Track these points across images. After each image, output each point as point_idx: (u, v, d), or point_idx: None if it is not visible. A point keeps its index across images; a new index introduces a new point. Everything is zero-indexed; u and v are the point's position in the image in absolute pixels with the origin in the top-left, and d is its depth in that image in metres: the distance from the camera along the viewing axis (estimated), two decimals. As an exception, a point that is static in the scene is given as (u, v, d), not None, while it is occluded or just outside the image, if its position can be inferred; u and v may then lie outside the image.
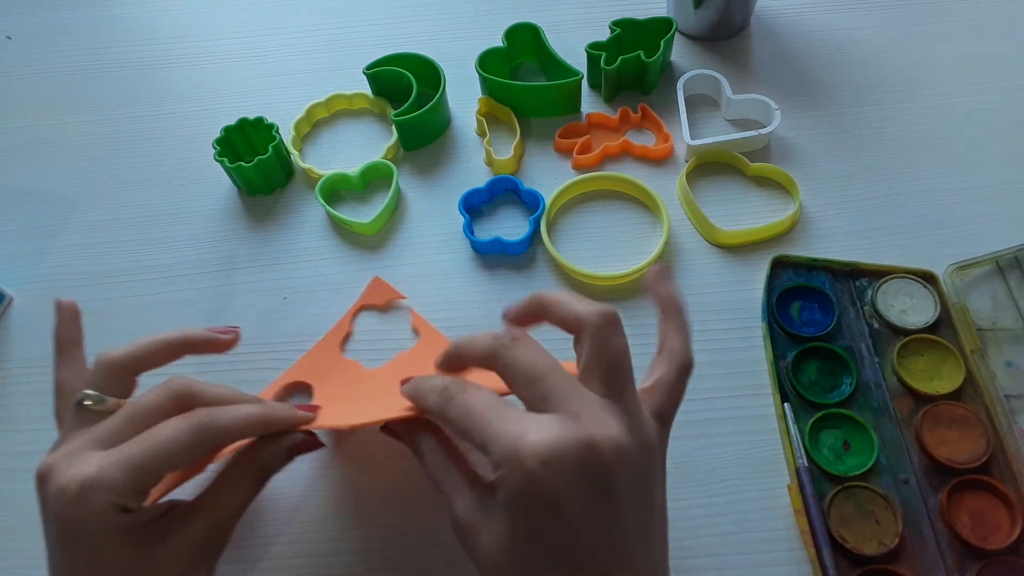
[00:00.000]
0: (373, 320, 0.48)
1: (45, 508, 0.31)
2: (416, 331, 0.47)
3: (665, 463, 0.31)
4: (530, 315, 0.33)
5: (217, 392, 0.34)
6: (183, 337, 0.35)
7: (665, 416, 0.31)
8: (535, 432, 0.27)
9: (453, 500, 0.31)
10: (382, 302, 0.49)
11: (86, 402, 0.32)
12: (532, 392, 0.29)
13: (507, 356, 0.30)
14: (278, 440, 0.34)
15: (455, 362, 0.33)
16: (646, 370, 0.32)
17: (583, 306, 0.31)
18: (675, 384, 0.31)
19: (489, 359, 0.31)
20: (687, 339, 0.32)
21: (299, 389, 0.45)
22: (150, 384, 0.33)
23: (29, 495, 0.43)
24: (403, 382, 0.34)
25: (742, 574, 0.39)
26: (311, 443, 0.35)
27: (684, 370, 0.32)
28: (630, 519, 0.28)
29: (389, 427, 0.35)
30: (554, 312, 0.32)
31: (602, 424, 0.28)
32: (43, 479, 0.31)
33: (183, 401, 0.32)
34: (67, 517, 0.29)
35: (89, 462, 0.30)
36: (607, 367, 0.29)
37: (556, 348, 0.32)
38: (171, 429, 0.31)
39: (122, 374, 0.33)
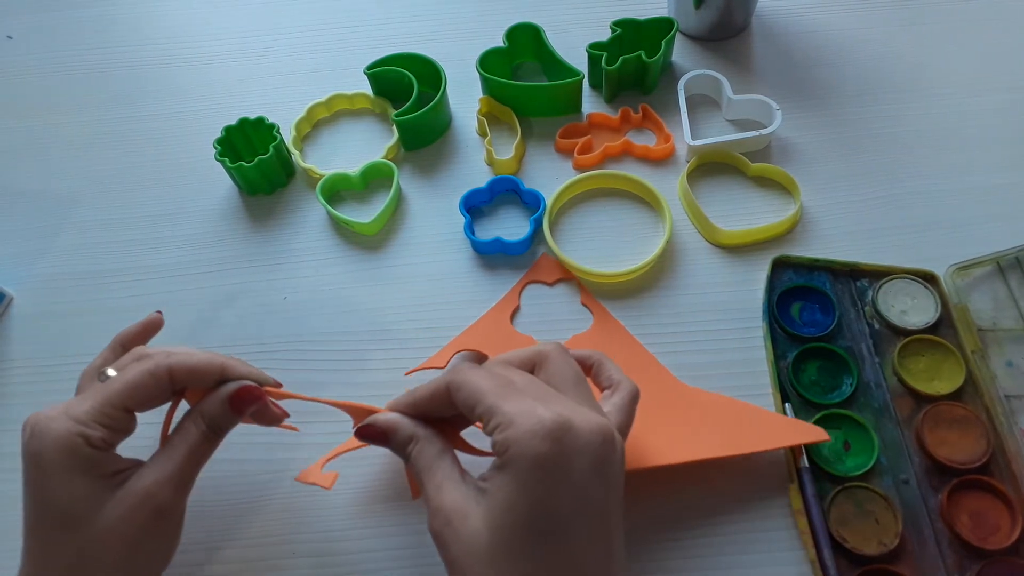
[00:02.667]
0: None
1: (24, 441, 0.33)
2: (588, 309, 0.47)
3: None
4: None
5: (198, 358, 0.35)
6: (221, 367, 0.36)
7: (623, 434, 0.33)
8: (546, 408, 0.29)
9: (442, 487, 0.30)
10: (551, 279, 0.49)
11: (101, 380, 0.35)
12: (534, 391, 0.31)
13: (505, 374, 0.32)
14: (219, 388, 0.35)
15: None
16: (603, 397, 0.35)
17: (535, 345, 0.34)
18: (629, 407, 0.34)
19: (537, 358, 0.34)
20: (623, 373, 0.36)
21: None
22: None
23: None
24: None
25: (742, 574, 0.39)
26: (252, 391, 0.35)
27: (634, 396, 0.35)
28: (613, 510, 0.30)
29: (370, 429, 0.33)
30: (514, 358, 0.34)
31: (597, 416, 0.30)
32: (24, 427, 0.33)
33: (158, 370, 0.34)
34: (30, 449, 0.32)
35: (60, 405, 0.33)
36: (575, 380, 0.32)
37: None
38: (133, 367, 0.34)
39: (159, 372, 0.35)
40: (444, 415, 0.33)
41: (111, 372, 0.35)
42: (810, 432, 0.40)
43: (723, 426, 0.41)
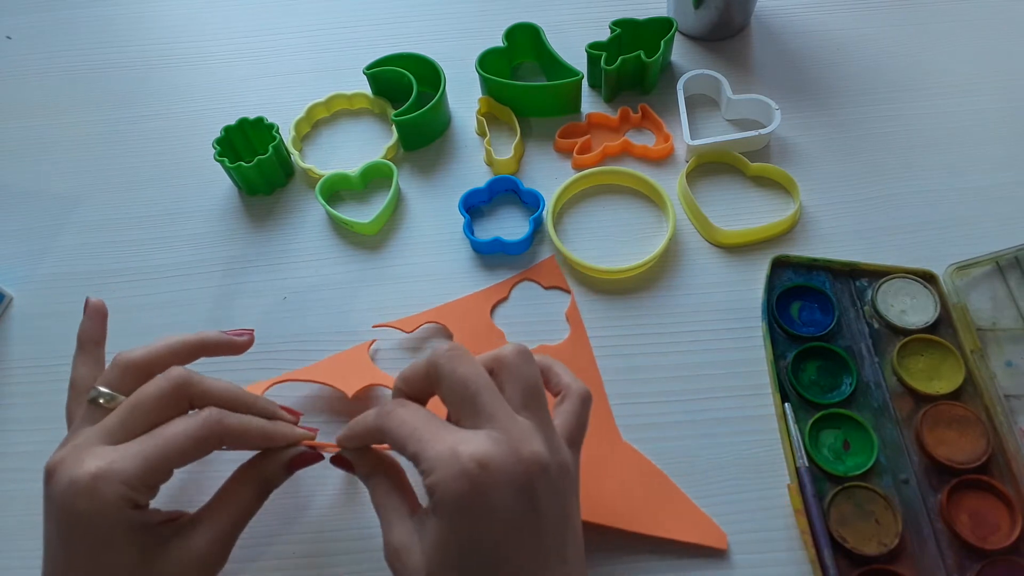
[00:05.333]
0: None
1: (51, 501, 0.31)
2: (568, 323, 0.47)
3: (579, 486, 0.32)
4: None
5: (215, 385, 0.34)
6: (199, 339, 0.37)
7: (575, 443, 0.33)
8: (470, 442, 0.29)
9: (391, 524, 0.31)
10: (547, 283, 0.49)
11: (100, 400, 0.33)
12: (464, 407, 0.30)
13: (445, 367, 0.31)
14: (279, 453, 0.35)
15: (402, 386, 0.34)
16: (555, 404, 0.34)
17: (497, 349, 0.33)
18: (580, 413, 0.34)
19: (430, 369, 0.32)
20: (573, 376, 0.35)
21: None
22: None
23: (28, 495, 0.43)
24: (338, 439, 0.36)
25: (742, 574, 0.39)
26: (310, 456, 0.36)
27: (585, 400, 0.34)
28: (550, 533, 0.29)
29: (340, 459, 0.36)
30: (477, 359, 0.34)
31: (528, 442, 0.30)
32: (51, 473, 0.31)
33: (182, 390, 0.33)
34: (76, 509, 0.30)
35: (100, 455, 0.30)
36: (526, 391, 0.31)
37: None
38: (182, 426, 0.32)
39: (138, 374, 0.34)
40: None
41: (103, 389, 0.33)
42: (712, 535, 0.39)
43: (636, 496, 0.41)
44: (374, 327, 0.47)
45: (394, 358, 0.46)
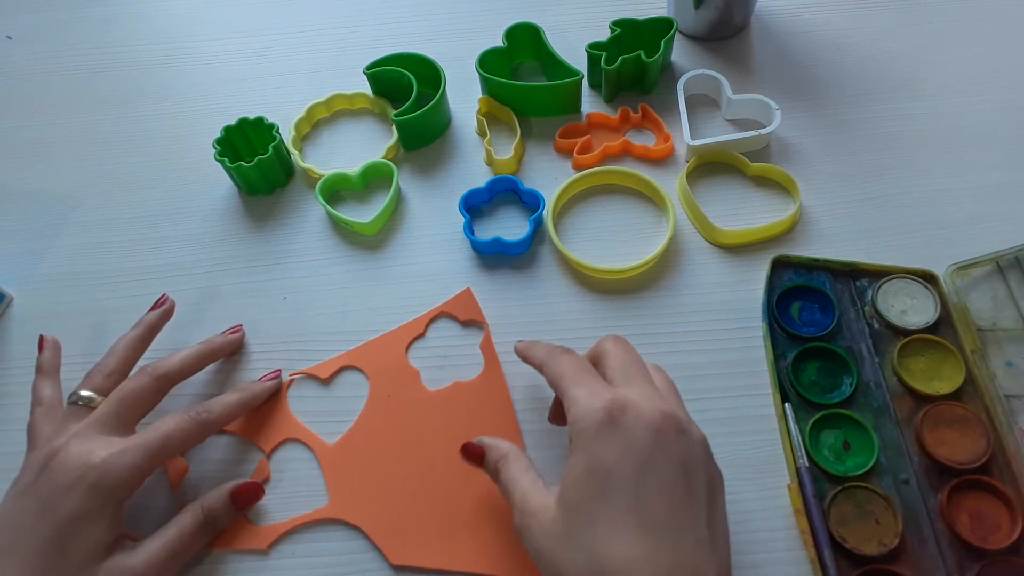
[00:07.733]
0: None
1: (48, 477, 0.35)
2: (483, 356, 0.46)
3: (722, 486, 0.35)
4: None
5: (179, 360, 0.41)
6: (209, 348, 0.44)
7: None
8: (616, 389, 0.34)
9: (529, 493, 0.34)
10: (464, 317, 0.47)
11: (79, 402, 0.39)
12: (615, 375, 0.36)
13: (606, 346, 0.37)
14: (221, 486, 0.39)
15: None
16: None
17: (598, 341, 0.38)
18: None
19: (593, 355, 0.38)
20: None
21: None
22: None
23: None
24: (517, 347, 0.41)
25: (742, 574, 0.39)
26: (252, 488, 0.40)
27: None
28: (682, 491, 0.32)
29: (471, 450, 0.38)
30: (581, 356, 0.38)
31: (656, 401, 0.34)
32: (53, 455, 0.36)
33: (160, 381, 0.40)
34: (85, 480, 0.34)
35: (108, 445, 0.36)
36: (628, 367, 0.36)
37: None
38: (176, 422, 0.38)
39: (114, 377, 0.40)
40: None
41: (85, 393, 0.39)
42: None
43: None
44: (291, 376, 0.46)
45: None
